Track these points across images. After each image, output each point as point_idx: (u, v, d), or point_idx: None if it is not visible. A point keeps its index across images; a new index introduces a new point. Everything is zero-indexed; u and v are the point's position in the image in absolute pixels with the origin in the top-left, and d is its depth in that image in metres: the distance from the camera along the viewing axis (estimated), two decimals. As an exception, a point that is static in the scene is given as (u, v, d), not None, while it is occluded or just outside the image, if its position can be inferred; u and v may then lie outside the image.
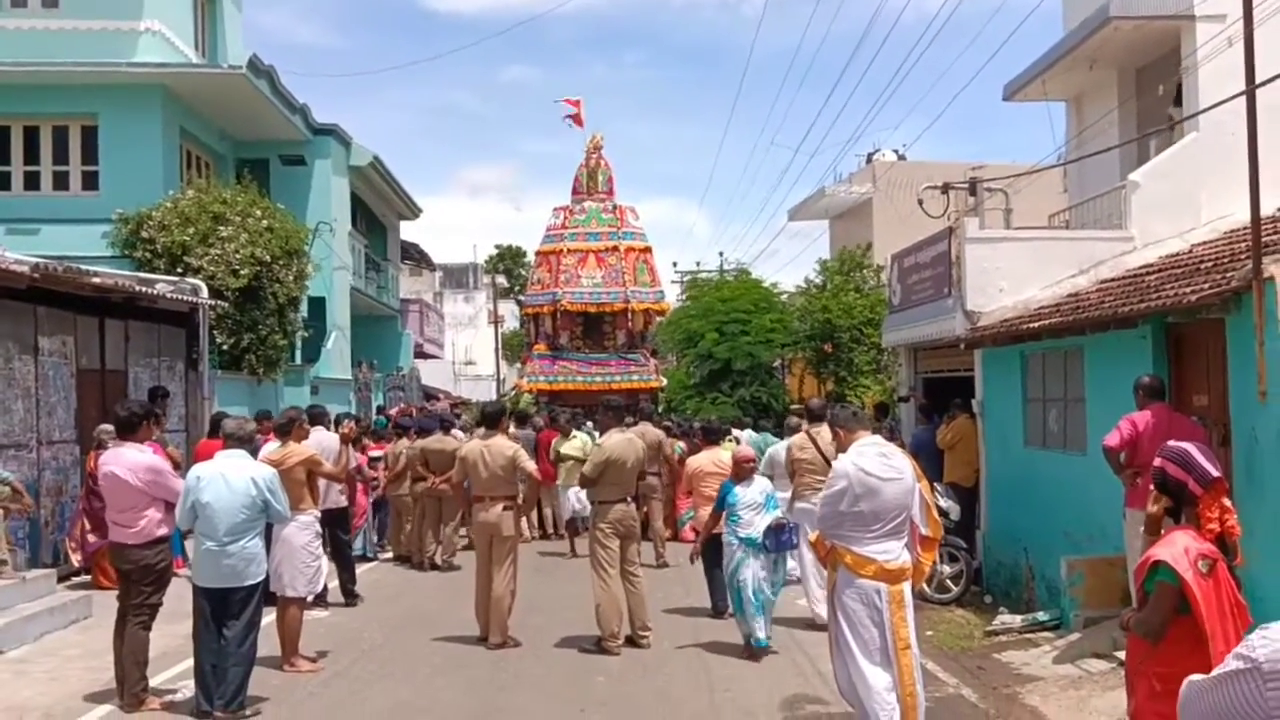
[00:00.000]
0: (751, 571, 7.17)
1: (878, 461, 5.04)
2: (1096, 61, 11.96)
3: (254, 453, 6.43)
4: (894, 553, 5.02)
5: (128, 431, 6.07)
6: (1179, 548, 3.11)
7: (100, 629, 7.37)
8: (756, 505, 7.32)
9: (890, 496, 5.00)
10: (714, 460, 8.97)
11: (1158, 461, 3.26)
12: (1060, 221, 12.56)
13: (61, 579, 9.08)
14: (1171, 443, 3.36)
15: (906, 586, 5.08)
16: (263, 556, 6.05)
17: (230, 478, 5.87)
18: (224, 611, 5.86)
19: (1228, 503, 3.19)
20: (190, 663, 6.16)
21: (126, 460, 5.96)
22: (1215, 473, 3.17)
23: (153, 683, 6.19)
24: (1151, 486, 3.31)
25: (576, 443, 12.73)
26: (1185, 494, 3.17)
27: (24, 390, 9.39)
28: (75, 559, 9.54)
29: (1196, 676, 1.86)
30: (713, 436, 9.61)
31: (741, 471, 7.53)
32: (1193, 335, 6.98)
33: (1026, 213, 13.85)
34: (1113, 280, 9.15)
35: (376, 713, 6.11)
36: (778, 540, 7.18)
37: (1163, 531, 3.24)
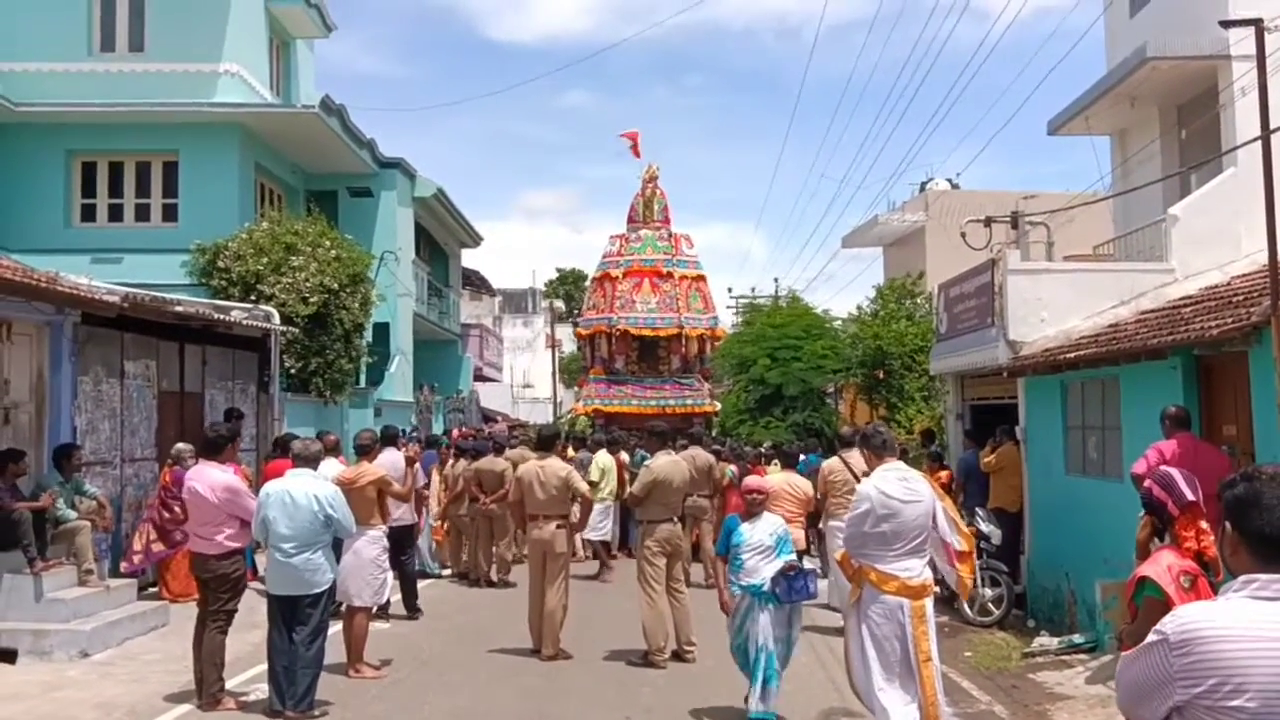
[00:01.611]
0: (760, 627, 6.03)
1: (898, 485, 5.35)
2: (1137, 99, 12.08)
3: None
4: (915, 570, 5.30)
5: (213, 452, 6.61)
6: (1163, 565, 3.37)
7: (177, 636, 7.92)
8: (764, 549, 6.09)
9: (910, 517, 5.31)
10: (788, 482, 9.21)
11: (1146, 483, 3.52)
12: (1105, 251, 12.66)
13: (141, 589, 9.68)
14: (1163, 467, 3.61)
15: (928, 602, 5.35)
16: (328, 567, 6.50)
17: (295, 495, 6.37)
18: (293, 617, 6.34)
19: (1204, 525, 3.43)
20: (263, 667, 6.65)
21: (208, 478, 6.49)
22: (1191, 497, 3.41)
23: (228, 685, 6.69)
24: (1141, 512, 3.57)
25: (593, 472, 13.05)
26: (1165, 514, 3.42)
27: (110, 411, 10.08)
28: (124, 564, 9.84)
29: (1128, 652, 2.15)
30: (787, 460, 9.83)
31: (749, 506, 6.31)
32: (1221, 367, 7.11)
33: (1076, 241, 13.91)
34: (1152, 311, 9.26)
35: (435, 717, 6.52)
36: (790, 588, 5.96)
37: (1151, 549, 3.50)
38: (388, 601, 8.85)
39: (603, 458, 13.42)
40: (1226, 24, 8.02)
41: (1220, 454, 6.49)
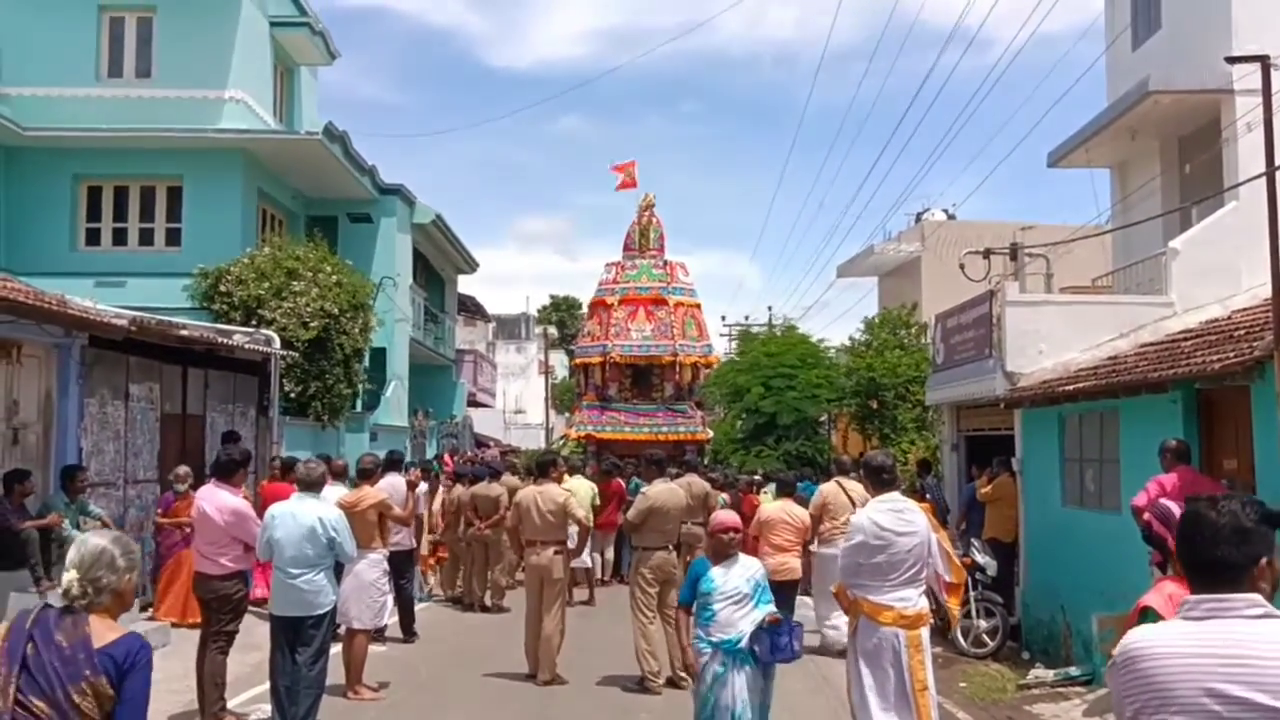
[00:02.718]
0: (734, 691, 5.04)
1: (891, 517, 5.44)
2: (1138, 132, 12.24)
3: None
4: (911, 600, 5.37)
5: (225, 475, 6.67)
6: (1164, 595, 3.46)
7: (178, 657, 7.92)
8: (740, 597, 5.11)
9: (904, 548, 5.39)
10: (786, 511, 9.30)
11: (1145, 516, 3.62)
12: (1104, 284, 12.80)
13: (142, 609, 9.66)
14: (1162, 500, 3.71)
15: (924, 631, 5.42)
16: (331, 589, 6.54)
17: (300, 517, 6.43)
18: (296, 638, 6.38)
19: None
20: (263, 687, 6.67)
21: (217, 501, 6.55)
22: None
23: (229, 704, 6.71)
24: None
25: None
26: (1165, 548, 3.51)
27: (115, 433, 10.12)
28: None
29: None
30: (784, 488, 9.91)
31: (719, 547, 5.29)
32: (1222, 400, 7.22)
33: (1074, 272, 14.07)
34: (1151, 345, 9.37)
35: (435, 741, 6.54)
36: (772, 645, 5.01)
37: (1154, 579, 3.59)
38: (384, 625, 8.86)
39: (576, 483, 13.44)
40: (1232, 60, 8.18)
41: (1220, 487, 6.58)
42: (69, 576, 2.72)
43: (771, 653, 5.05)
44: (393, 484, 8.96)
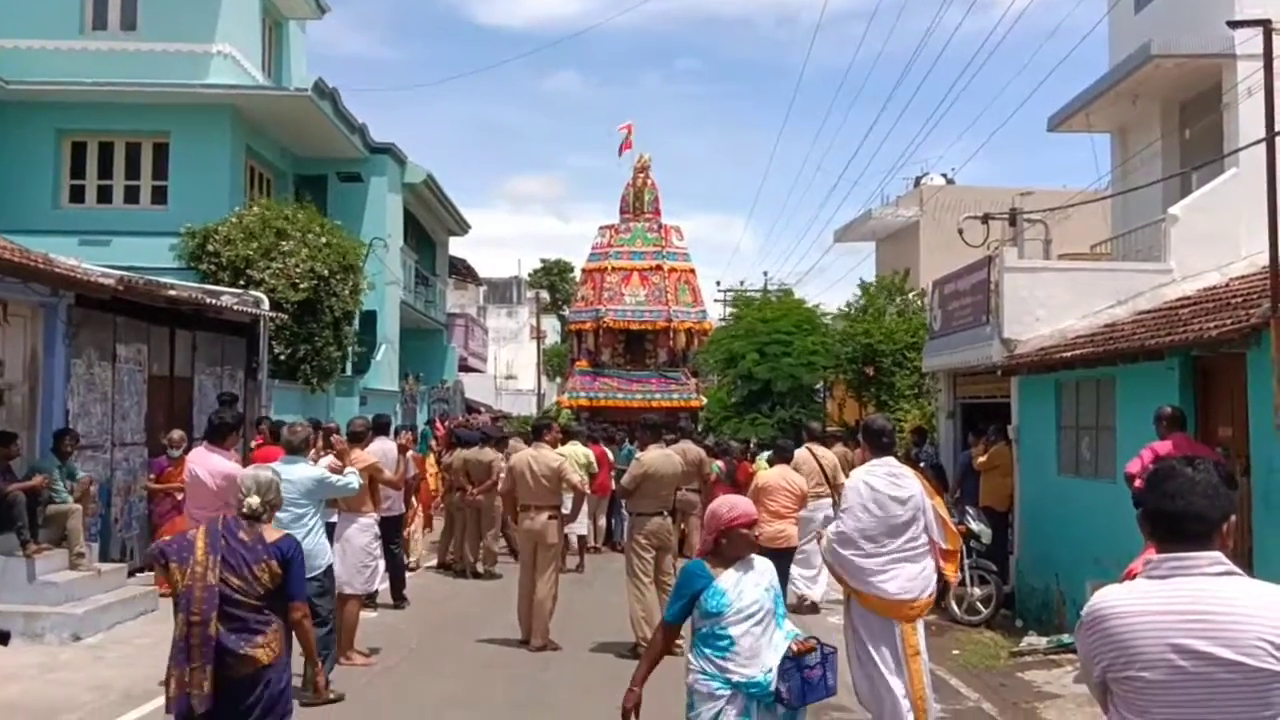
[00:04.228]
0: None
1: (885, 481, 5.40)
2: (1140, 96, 12.09)
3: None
4: (914, 588, 5.30)
5: (217, 439, 6.58)
6: (1154, 559, 3.42)
7: (166, 621, 7.82)
8: (762, 614, 3.70)
9: (898, 513, 5.34)
10: (784, 477, 9.27)
11: (1137, 482, 3.58)
12: (1103, 251, 12.71)
13: (130, 574, 9.61)
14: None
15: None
16: (324, 550, 6.49)
17: (289, 478, 6.35)
18: None
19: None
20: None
21: (209, 464, 6.47)
22: None
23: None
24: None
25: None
26: None
27: (102, 394, 9.99)
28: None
29: None
30: (782, 454, 9.88)
31: (738, 545, 3.76)
32: (1219, 368, 7.17)
33: (1073, 239, 13.97)
34: (1149, 312, 9.31)
35: (426, 703, 6.54)
36: (804, 683, 3.66)
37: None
38: (375, 591, 8.82)
39: (572, 448, 13.40)
40: (1234, 24, 8.05)
41: (1215, 455, 6.54)
42: (253, 500, 4.09)
43: (804, 695, 3.65)
44: (383, 448, 8.88)
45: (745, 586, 3.72)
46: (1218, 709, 2.10)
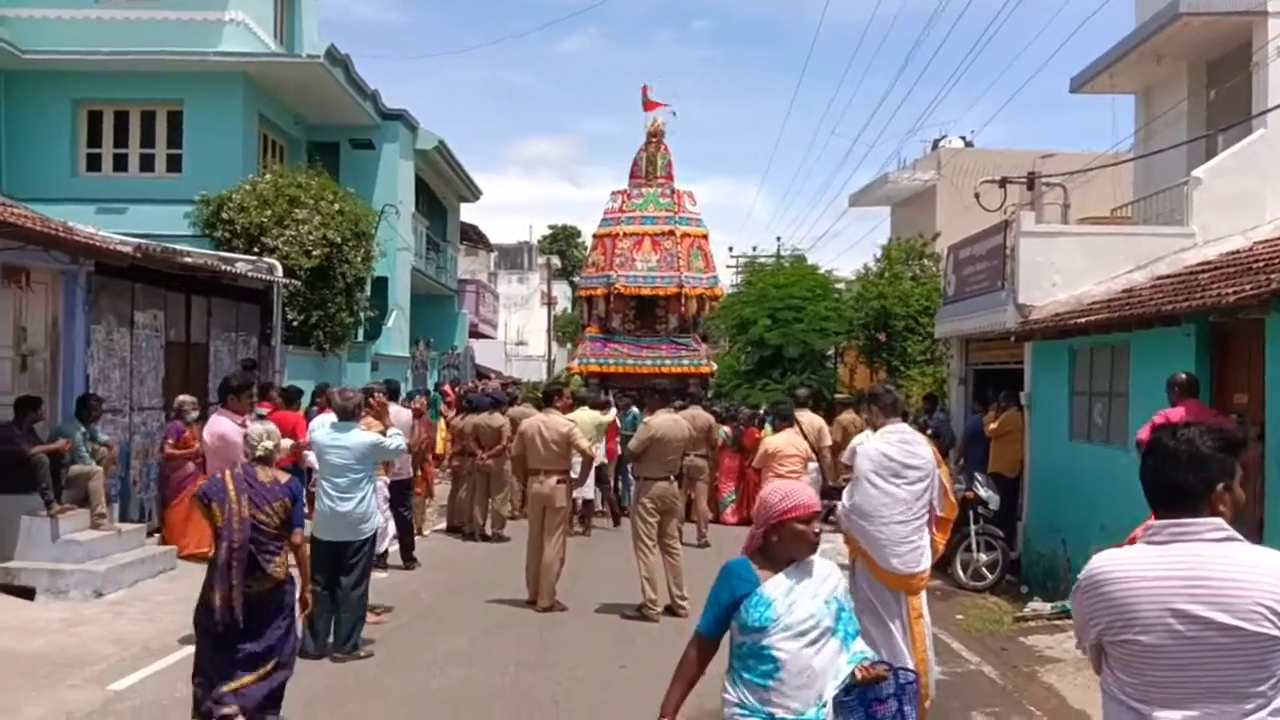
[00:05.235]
0: None
1: (899, 448, 5.43)
2: (1165, 55, 11.87)
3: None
4: (915, 559, 5.36)
5: (224, 400, 6.85)
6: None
7: (186, 579, 8.07)
8: (819, 631, 2.98)
9: (910, 479, 5.38)
10: (792, 442, 9.30)
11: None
12: (1124, 215, 12.56)
13: (149, 534, 9.78)
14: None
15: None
16: (376, 514, 6.78)
17: (344, 443, 6.65)
18: (338, 564, 6.58)
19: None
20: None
21: (215, 427, 6.73)
22: None
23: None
24: None
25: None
26: None
27: (121, 360, 10.12)
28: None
29: None
30: (786, 419, 9.91)
31: (793, 543, 3.03)
32: (1236, 334, 7.12)
33: (1094, 203, 13.79)
34: (1168, 277, 9.20)
35: (436, 657, 6.71)
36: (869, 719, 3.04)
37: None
38: (385, 551, 8.96)
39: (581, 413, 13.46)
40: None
41: (1229, 422, 6.52)
42: (266, 444, 5.02)
43: None
44: (397, 413, 8.96)
45: (799, 597, 2.97)
46: (1214, 673, 2.12)
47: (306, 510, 6.45)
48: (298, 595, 5.19)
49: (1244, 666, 2.11)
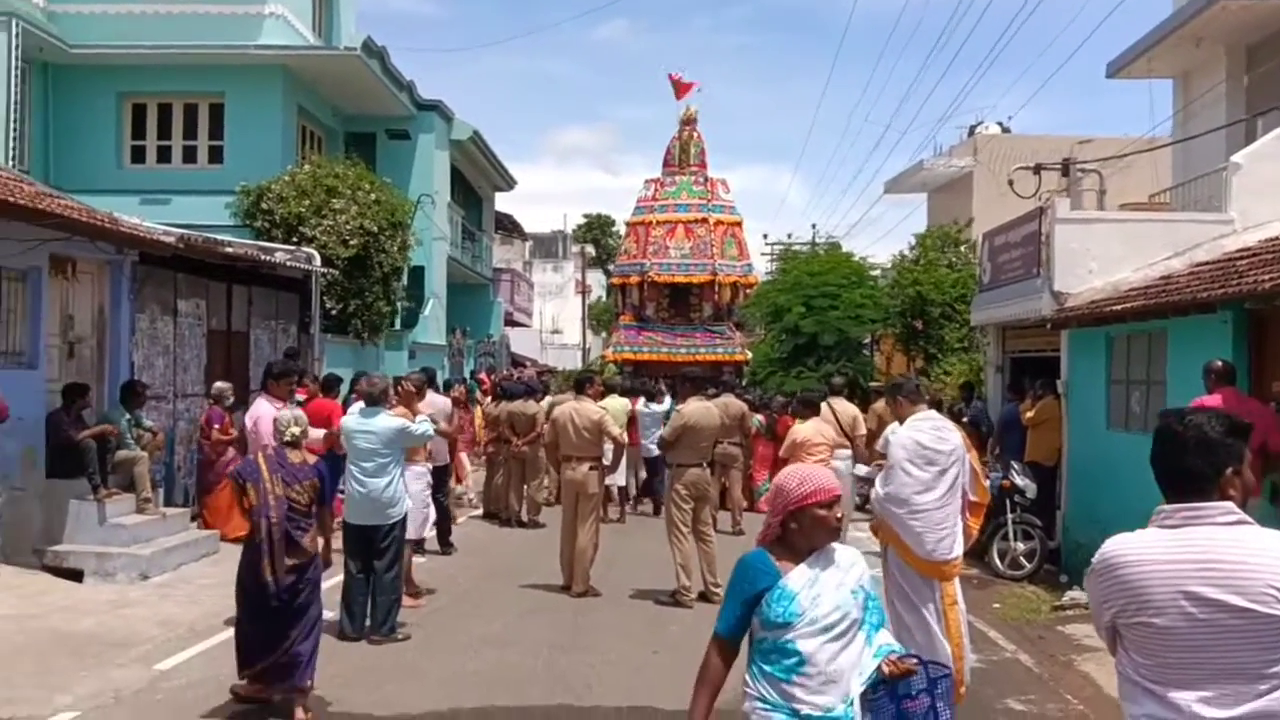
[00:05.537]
0: None
1: (931, 435, 5.44)
2: (1204, 39, 11.68)
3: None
4: (948, 547, 5.35)
5: (264, 385, 6.99)
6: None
7: (229, 562, 8.18)
8: (845, 624, 2.83)
9: (943, 466, 5.38)
10: (820, 431, 9.30)
11: None
12: (1162, 201, 12.36)
13: (193, 519, 10.04)
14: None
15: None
16: (404, 498, 6.87)
17: (371, 428, 6.76)
18: (370, 548, 6.72)
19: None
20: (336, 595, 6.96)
21: (252, 412, 6.86)
22: None
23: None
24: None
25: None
26: None
27: (164, 348, 10.38)
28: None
29: None
30: (810, 407, 9.84)
31: (815, 529, 2.86)
32: (1274, 321, 7.01)
33: (1132, 189, 13.58)
34: (1206, 264, 9.06)
35: (472, 640, 6.84)
36: (900, 716, 2.94)
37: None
38: (424, 537, 9.11)
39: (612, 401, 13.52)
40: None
41: (1266, 409, 6.44)
42: (294, 429, 5.42)
43: None
44: (433, 401, 9.10)
45: (823, 588, 2.81)
46: (1227, 655, 2.14)
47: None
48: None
49: (1256, 648, 2.13)
